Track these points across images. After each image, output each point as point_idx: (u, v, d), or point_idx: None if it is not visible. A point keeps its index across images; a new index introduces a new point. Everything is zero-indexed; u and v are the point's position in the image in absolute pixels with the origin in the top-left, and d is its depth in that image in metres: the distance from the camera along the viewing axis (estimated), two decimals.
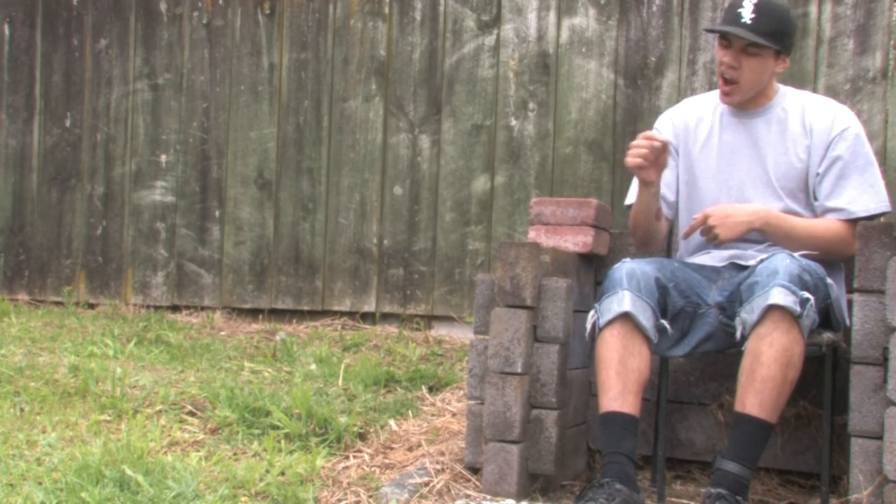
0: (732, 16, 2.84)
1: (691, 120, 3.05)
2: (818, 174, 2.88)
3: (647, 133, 2.85)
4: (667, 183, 3.04)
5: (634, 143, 2.83)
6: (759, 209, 2.84)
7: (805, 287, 2.55)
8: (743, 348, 2.59)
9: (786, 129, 2.92)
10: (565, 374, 2.86)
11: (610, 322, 2.66)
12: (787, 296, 2.51)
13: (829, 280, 2.72)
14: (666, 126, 3.08)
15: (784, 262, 2.58)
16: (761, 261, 2.65)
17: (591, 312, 2.73)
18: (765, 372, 2.53)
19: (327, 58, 4.70)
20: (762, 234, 2.85)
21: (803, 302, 2.53)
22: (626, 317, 2.64)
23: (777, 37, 2.83)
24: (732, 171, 2.96)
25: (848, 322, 2.80)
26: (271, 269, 4.75)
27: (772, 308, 2.53)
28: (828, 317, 2.73)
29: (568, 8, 4.35)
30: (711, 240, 2.83)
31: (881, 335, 2.54)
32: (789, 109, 2.94)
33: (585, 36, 4.32)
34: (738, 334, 2.62)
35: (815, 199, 2.89)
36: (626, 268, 2.71)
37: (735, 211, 2.83)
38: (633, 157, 2.81)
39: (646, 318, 2.66)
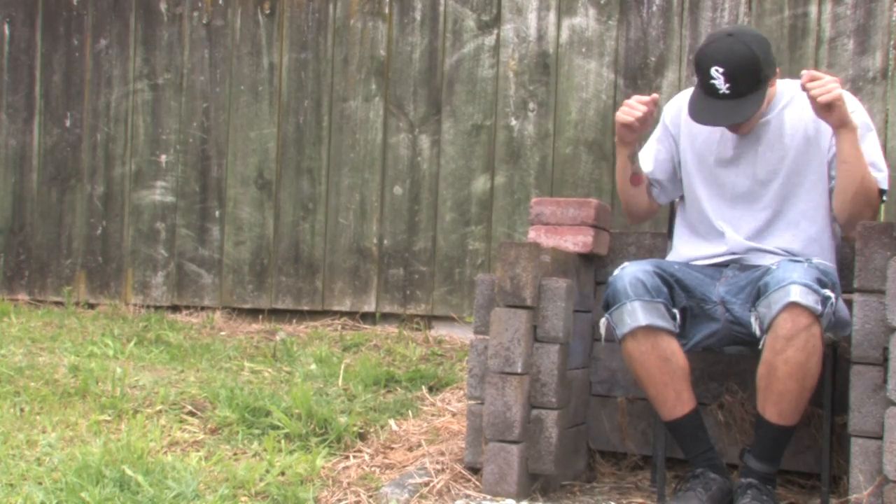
0: (708, 88, 2.73)
1: None
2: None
3: (639, 97, 2.86)
4: (658, 160, 3.04)
5: (629, 101, 2.85)
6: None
7: (824, 286, 2.56)
8: (760, 346, 2.60)
9: (796, 115, 2.85)
10: (565, 374, 2.86)
11: (631, 334, 2.68)
12: (807, 294, 2.51)
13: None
14: (671, 111, 3.05)
15: (802, 265, 2.59)
16: (777, 264, 2.64)
17: (603, 320, 2.76)
18: (781, 387, 2.58)
19: (327, 58, 4.70)
20: (844, 130, 2.69)
21: (825, 300, 2.54)
22: (643, 328, 2.67)
23: (761, 82, 2.72)
24: (752, 161, 2.88)
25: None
26: (271, 269, 4.75)
27: (791, 305, 2.52)
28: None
29: (568, 8, 4.35)
30: (823, 94, 2.62)
31: (881, 335, 2.54)
32: (793, 96, 2.88)
33: (585, 36, 4.32)
34: (756, 329, 2.62)
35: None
36: (627, 277, 2.71)
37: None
38: (625, 115, 2.83)
39: (661, 318, 2.68)
